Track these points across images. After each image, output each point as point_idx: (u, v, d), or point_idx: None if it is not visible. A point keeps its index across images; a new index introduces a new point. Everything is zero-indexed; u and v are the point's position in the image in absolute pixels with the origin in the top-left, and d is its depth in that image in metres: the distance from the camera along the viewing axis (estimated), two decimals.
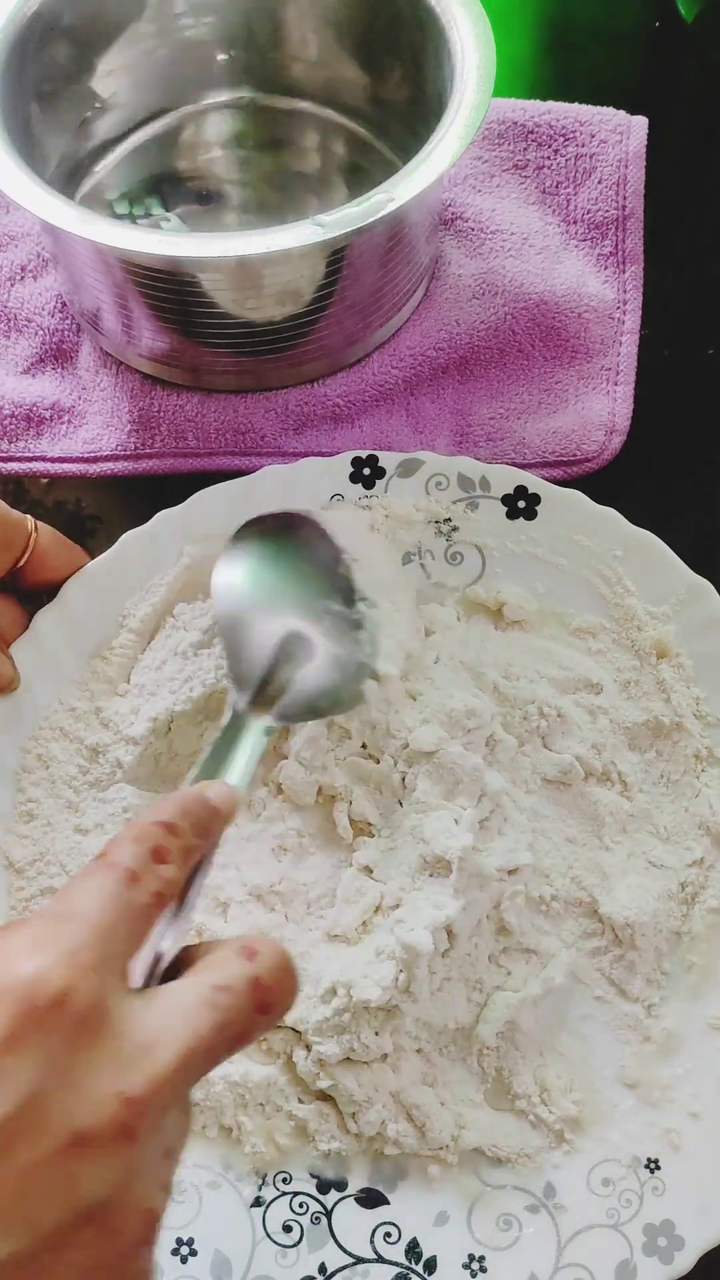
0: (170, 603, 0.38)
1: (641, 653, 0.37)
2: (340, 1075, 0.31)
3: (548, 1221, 0.31)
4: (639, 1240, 0.30)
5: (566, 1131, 0.32)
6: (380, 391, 0.43)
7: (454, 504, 0.38)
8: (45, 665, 0.36)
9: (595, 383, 0.43)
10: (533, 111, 0.46)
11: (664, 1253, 0.30)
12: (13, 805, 0.35)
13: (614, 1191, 0.31)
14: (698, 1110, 0.32)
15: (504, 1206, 0.31)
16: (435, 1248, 0.31)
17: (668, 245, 0.46)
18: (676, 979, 0.34)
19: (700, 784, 0.35)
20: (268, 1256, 0.31)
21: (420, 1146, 0.32)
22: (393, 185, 0.36)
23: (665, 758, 0.36)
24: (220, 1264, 0.30)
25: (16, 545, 0.35)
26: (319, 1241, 0.31)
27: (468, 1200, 0.31)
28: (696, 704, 0.36)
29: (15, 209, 0.46)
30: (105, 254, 0.38)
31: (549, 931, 0.34)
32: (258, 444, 0.42)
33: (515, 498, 0.38)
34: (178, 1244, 0.30)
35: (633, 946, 0.34)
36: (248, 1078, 0.32)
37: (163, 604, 0.37)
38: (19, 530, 0.35)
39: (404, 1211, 0.31)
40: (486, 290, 0.43)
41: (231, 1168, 0.32)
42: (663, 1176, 0.31)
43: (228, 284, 0.38)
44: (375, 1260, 0.31)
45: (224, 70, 0.47)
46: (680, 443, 0.44)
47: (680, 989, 0.34)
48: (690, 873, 0.34)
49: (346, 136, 0.48)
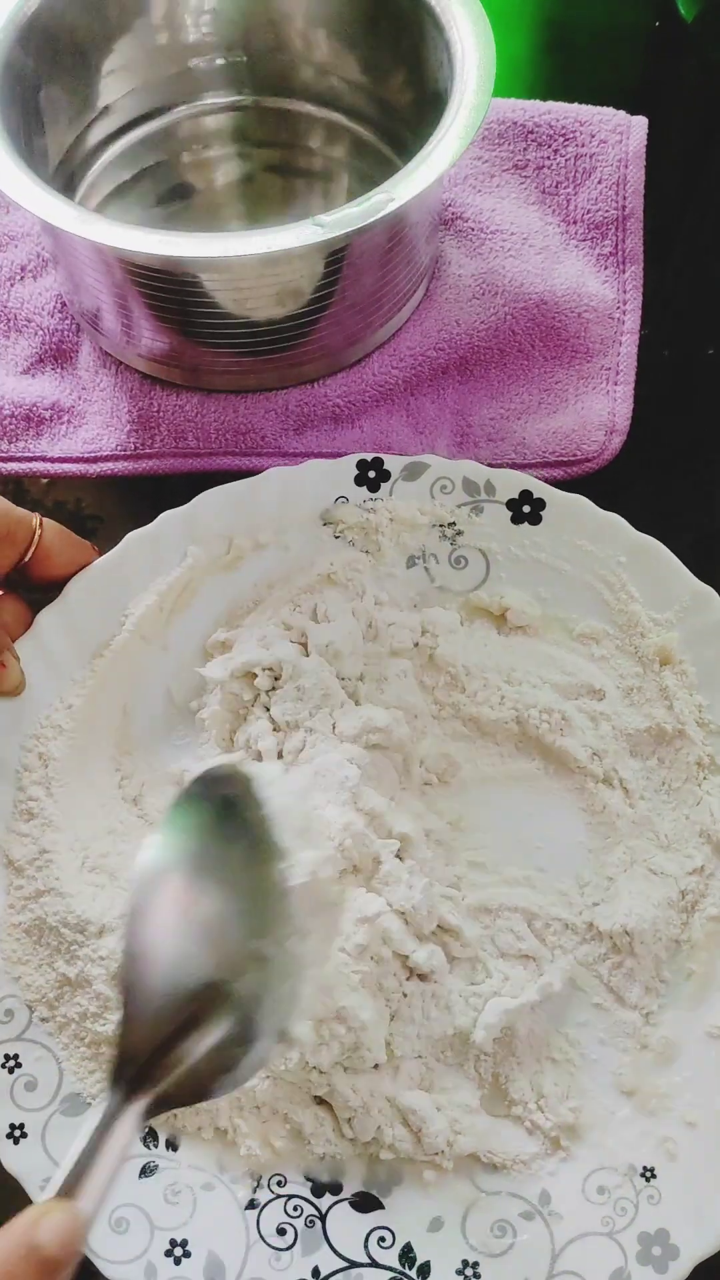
0: (172, 603, 0.38)
1: (644, 659, 0.37)
2: (336, 1081, 0.31)
3: (542, 1229, 0.31)
4: (634, 1249, 0.30)
5: (562, 1139, 0.32)
6: (380, 392, 0.43)
7: (459, 508, 0.38)
8: (47, 664, 0.36)
9: (595, 383, 0.43)
10: (533, 111, 0.46)
11: (658, 1262, 0.30)
12: (13, 803, 0.35)
13: (609, 1199, 0.31)
14: (695, 1119, 0.31)
15: (499, 1213, 0.31)
16: (429, 1253, 0.31)
17: (668, 245, 0.46)
18: (675, 987, 0.34)
19: (701, 792, 0.35)
20: (261, 1259, 0.31)
21: (416, 1152, 0.32)
22: (393, 185, 0.36)
23: (667, 765, 0.36)
24: (214, 1266, 0.30)
25: (20, 541, 0.35)
26: (313, 1245, 0.31)
27: (462, 1206, 0.31)
28: (699, 711, 0.36)
29: (15, 209, 0.46)
30: (105, 254, 0.38)
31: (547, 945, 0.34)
32: (258, 444, 0.42)
33: (520, 502, 0.38)
34: (171, 1245, 0.30)
35: (631, 954, 0.33)
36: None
37: (165, 603, 0.37)
38: (22, 526, 0.35)
39: (398, 1216, 0.31)
40: (486, 290, 0.43)
41: (226, 1170, 0.32)
42: (658, 1185, 0.31)
43: (227, 284, 0.38)
44: (369, 1265, 0.31)
45: (224, 71, 0.47)
46: (680, 443, 0.43)
47: (679, 997, 0.33)
48: (690, 880, 0.34)
49: (346, 137, 0.47)
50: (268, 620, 0.37)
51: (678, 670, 0.36)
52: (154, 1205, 0.31)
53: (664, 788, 0.36)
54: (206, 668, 0.37)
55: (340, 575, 0.38)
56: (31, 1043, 0.32)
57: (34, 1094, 0.32)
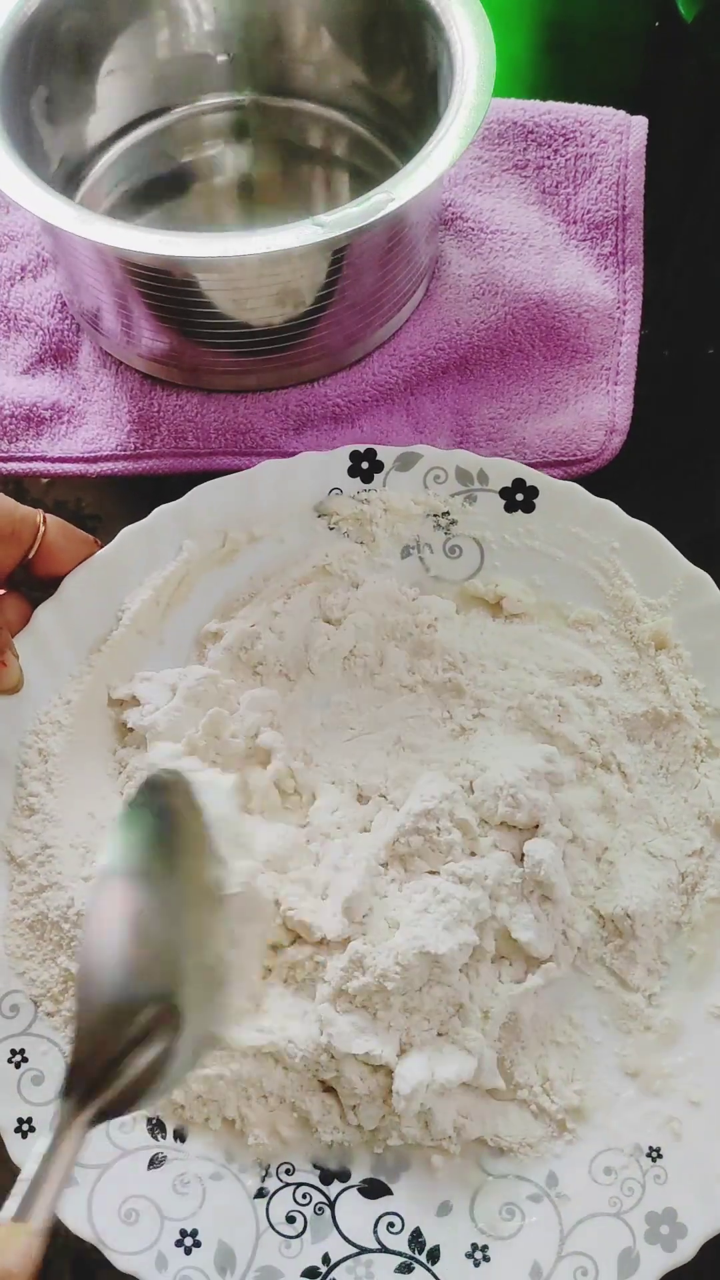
0: (169, 597, 0.38)
1: (640, 644, 0.37)
2: (345, 1067, 0.32)
3: (550, 1210, 0.31)
4: (641, 1228, 0.30)
5: (568, 1121, 0.32)
6: (380, 391, 0.43)
7: (452, 497, 0.39)
8: (45, 659, 0.36)
9: (595, 382, 0.43)
10: (533, 111, 0.46)
11: (666, 1240, 0.30)
12: (14, 799, 0.35)
13: (616, 1180, 0.31)
14: (699, 1098, 0.32)
15: (506, 1196, 0.31)
16: (438, 1237, 0.31)
17: (668, 245, 0.46)
18: (677, 968, 0.34)
19: (699, 775, 0.36)
20: (271, 1247, 0.31)
21: (423, 1137, 0.32)
22: (393, 185, 0.36)
23: (664, 749, 0.37)
24: (224, 1255, 0.30)
25: (25, 540, 0.35)
26: (322, 1232, 0.31)
27: (470, 1190, 0.32)
28: (695, 695, 0.36)
29: (15, 209, 0.46)
30: (105, 254, 0.38)
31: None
32: (258, 444, 0.42)
33: (513, 491, 0.38)
34: (181, 1235, 0.31)
35: (633, 936, 0.34)
36: (252, 1070, 0.32)
37: (161, 598, 0.38)
38: (27, 525, 0.35)
39: (407, 1201, 0.31)
40: (486, 290, 0.44)
41: (235, 1159, 0.32)
42: (665, 1165, 0.31)
43: (227, 284, 0.38)
44: (379, 1250, 0.31)
45: (224, 71, 0.47)
46: (680, 443, 0.44)
47: (681, 978, 0.34)
48: (690, 863, 0.35)
49: (347, 136, 0.48)
50: (262, 613, 0.38)
51: (673, 654, 0.37)
52: (163, 1196, 0.31)
53: (662, 771, 0.36)
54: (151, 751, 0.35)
55: (335, 567, 0.38)
56: (38, 1037, 0.33)
57: (41, 1088, 0.32)
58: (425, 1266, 0.31)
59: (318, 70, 0.47)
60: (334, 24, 0.45)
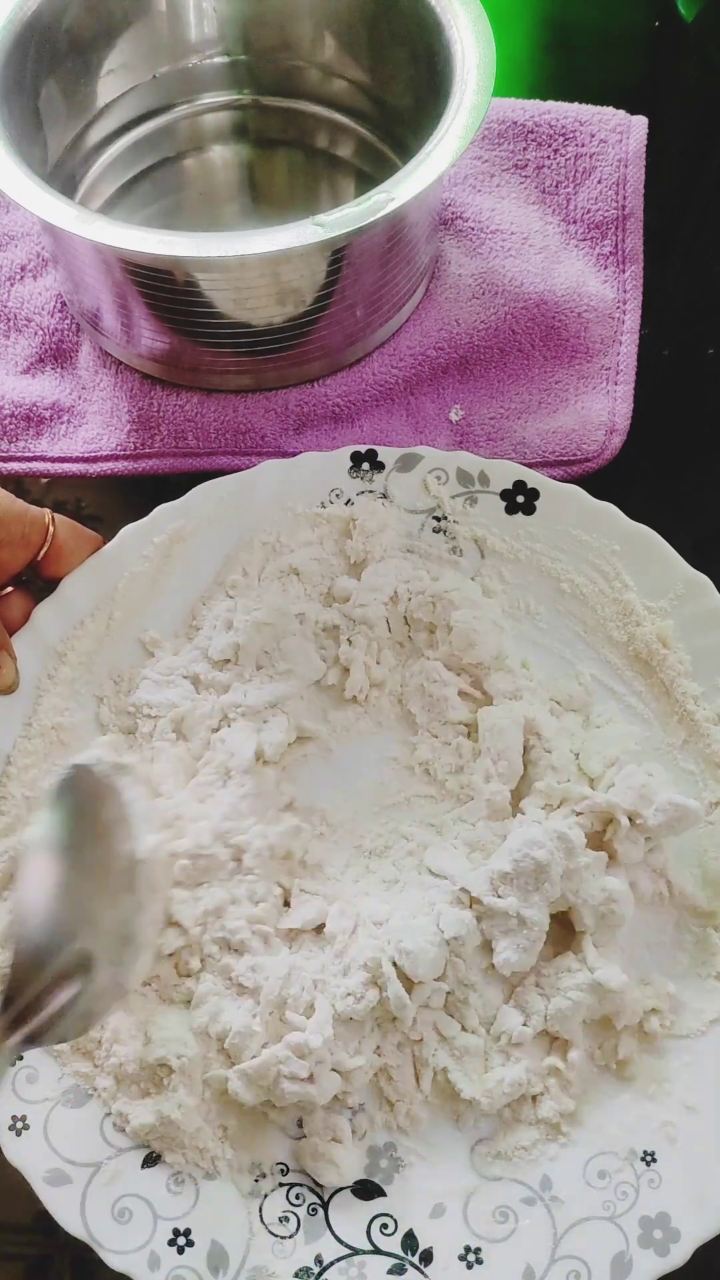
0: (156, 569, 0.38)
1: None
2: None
3: (544, 1213, 0.31)
4: (635, 1232, 0.30)
5: (563, 1124, 0.32)
6: (380, 391, 0.43)
7: (453, 499, 0.39)
8: (44, 657, 0.36)
9: (595, 382, 0.43)
10: (533, 111, 0.46)
11: (659, 1245, 0.30)
12: None
13: (610, 1184, 0.31)
14: (694, 1103, 0.32)
15: (500, 1198, 0.31)
16: (432, 1239, 0.31)
17: (668, 245, 0.46)
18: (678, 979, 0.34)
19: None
20: (264, 1247, 0.31)
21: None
22: (393, 185, 0.36)
23: None
24: (217, 1255, 0.30)
25: (35, 542, 0.36)
26: (316, 1233, 0.31)
27: (464, 1192, 0.31)
28: (694, 701, 0.36)
29: (15, 209, 0.46)
30: (105, 254, 0.38)
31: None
32: (258, 444, 0.42)
33: (514, 493, 0.38)
34: (174, 1234, 0.31)
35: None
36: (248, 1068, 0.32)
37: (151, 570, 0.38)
38: (37, 527, 0.36)
39: (400, 1203, 0.31)
40: (486, 290, 0.44)
41: (228, 1159, 0.32)
42: (659, 1169, 0.31)
43: (227, 284, 0.38)
44: (371, 1252, 0.31)
45: (224, 70, 0.47)
46: (680, 443, 0.44)
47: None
48: None
49: (346, 136, 0.48)
50: (229, 607, 0.37)
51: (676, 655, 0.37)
52: (157, 1195, 0.31)
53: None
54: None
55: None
56: None
57: (35, 1086, 0.32)
58: (418, 1268, 0.31)
59: (318, 70, 0.47)
60: (334, 24, 0.45)
